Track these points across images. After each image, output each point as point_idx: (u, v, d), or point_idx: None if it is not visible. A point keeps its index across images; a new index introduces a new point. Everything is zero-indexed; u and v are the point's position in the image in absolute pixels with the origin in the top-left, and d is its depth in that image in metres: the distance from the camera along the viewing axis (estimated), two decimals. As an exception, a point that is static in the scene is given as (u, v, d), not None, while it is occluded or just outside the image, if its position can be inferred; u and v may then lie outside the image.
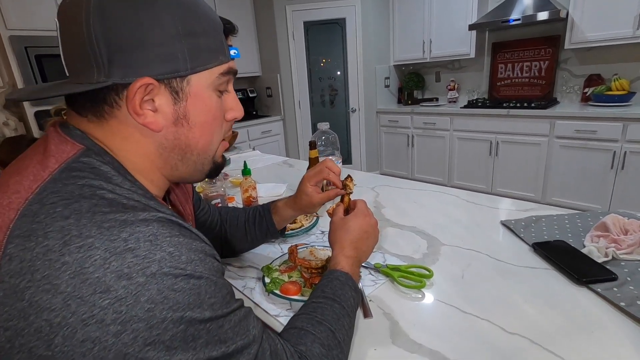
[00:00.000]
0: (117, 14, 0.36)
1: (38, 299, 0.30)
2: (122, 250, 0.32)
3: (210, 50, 0.42)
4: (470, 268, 0.74)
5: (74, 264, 0.31)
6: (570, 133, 2.62)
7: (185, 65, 0.40)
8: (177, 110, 0.41)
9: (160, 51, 0.38)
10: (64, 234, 0.32)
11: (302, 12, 3.54)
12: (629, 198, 2.46)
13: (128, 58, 0.37)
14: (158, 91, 0.40)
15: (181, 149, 0.44)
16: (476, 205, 1.07)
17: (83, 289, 0.30)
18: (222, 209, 0.84)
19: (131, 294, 0.31)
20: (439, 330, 0.58)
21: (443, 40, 3.38)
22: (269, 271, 0.75)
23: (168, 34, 0.38)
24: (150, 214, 0.36)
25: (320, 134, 1.28)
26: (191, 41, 0.40)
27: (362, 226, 0.65)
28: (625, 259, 0.71)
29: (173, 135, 0.43)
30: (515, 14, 2.83)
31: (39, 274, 0.31)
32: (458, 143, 3.27)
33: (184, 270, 0.34)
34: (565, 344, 0.53)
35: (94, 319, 0.30)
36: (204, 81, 0.42)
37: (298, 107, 3.83)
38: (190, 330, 0.34)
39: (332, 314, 0.51)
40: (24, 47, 2.29)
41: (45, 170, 0.36)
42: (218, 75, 0.44)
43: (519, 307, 0.62)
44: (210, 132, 0.46)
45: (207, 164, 0.48)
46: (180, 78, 0.40)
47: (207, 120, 0.44)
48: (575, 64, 2.95)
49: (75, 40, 0.37)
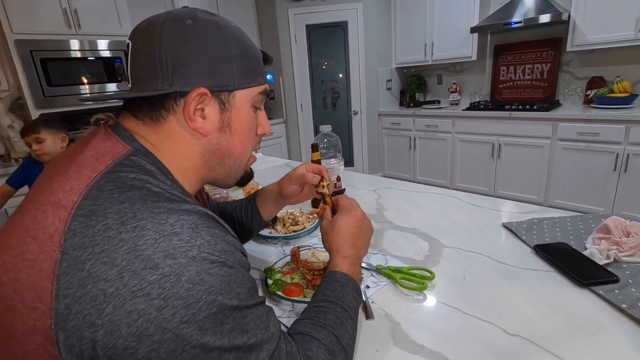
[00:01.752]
0: (184, 36, 0.44)
1: (96, 270, 0.34)
2: (170, 234, 0.36)
3: (253, 72, 0.50)
4: (472, 270, 0.75)
5: (130, 241, 0.35)
6: (572, 135, 2.61)
7: (233, 81, 0.47)
8: (223, 118, 0.48)
9: (215, 67, 0.46)
10: (121, 215, 0.36)
11: (305, 16, 3.56)
12: (632, 200, 2.45)
13: (189, 71, 0.44)
14: (209, 101, 0.46)
15: (221, 153, 0.50)
16: (478, 207, 1.07)
17: (136, 264, 0.34)
18: (220, 203, 0.87)
19: (175, 272, 0.35)
20: (440, 332, 0.58)
21: (445, 43, 3.39)
22: (272, 273, 0.75)
23: (223, 54, 0.46)
24: (191, 206, 0.40)
25: (322, 136, 1.28)
26: (240, 62, 0.48)
27: (352, 222, 0.64)
28: (627, 261, 0.71)
29: (216, 140, 0.49)
30: (517, 17, 2.83)
31: (99, 247, 0.34)
32: (460, 145, 3.27)
33: (218, 257, 0.38)
34: (567, 345, 0.53)
35: (142, 292, 0.33)
36: (245, 97, 0.50)
37: (300, 109, 3.85)
38: (219, 314, 0.37)
39: (335, 318, 0.51)
40: (29, 51, 2.31)
41: (102, 164, 0.41)
42: (257, 93, 0.51)
43: (520, 309, 0.62)
44: (246, 141, 0.52)
45: (240, 171, 0.55)
46: (228, 92, 0.48)
47: (245, 131, 0.51)
48: (578, 66, 2.95)
49: (146, 56, 0.44)
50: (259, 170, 1.68)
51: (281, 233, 0.96)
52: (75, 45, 2.50)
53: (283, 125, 3.92)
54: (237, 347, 0.38)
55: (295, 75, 3.73)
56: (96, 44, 2.58)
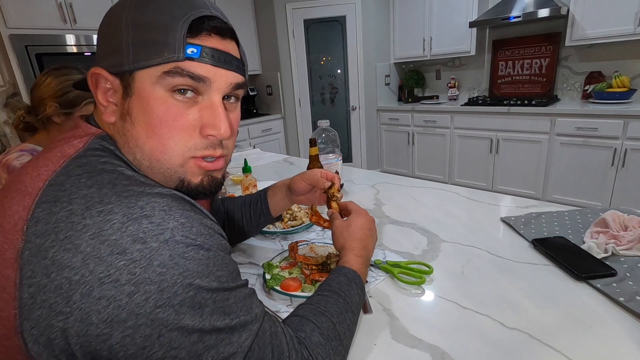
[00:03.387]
0: (110, 10, 0.42)
1: (60, 257, 0.33)
2: (139, 217, 0.34)
3: (156, 45, 0.39)
4: (470, 264, 0.75)
5: (94, 226, 0.33)
6: (571, 130, 2.61)
7: (128, 58, 0.39)
8: (124, 104, 0.42)
9: (110, 44, 0.41)
10: (87, 200, 0.35)
11: (302, 10, 3.53)
12: (630, 195, 2.46)
13: (99, 50, 0.43)
14: (112, 84, 0.42)
15: (130, 148, 0.42)
16: (476, 202, 1.07)
17: (101, 250, 0.33)
18: (225, 198, 0.87)
19: (145, 257, 0.33)
20: (438, 326, 0.58)
21: (443, 38, 3.38)
22: (270, 268, 0.75)
23: (116, 25, 0.40)
24: (165, 189, 0.39)
25: (320, 131, 1.28)
26: (138, 33, 0.39)
27: (365, 224, 0.66)
28: (625, 254, 0.71)
29: (122, 130, 0.42)
30: (515, 11, 2.82)
31: (62, 234, 0.33)
32: (458, 141, 3.27)
33: (194, 240, 0.36)
34: (565, 339, 0.53)
35: (110, 278, 0.32)
36: (147, 79, 0.40)
37: (298, 105, 3.83)
38: (198, 297, 0.35)
39: (335, 307, 0.51)
40: (24, 46, 2.29)
41: (71, 148, 0.40)
42: (161, 74, 0.39)
43: (518, 303, 0.62)
44: (159, 136, 0.41)
45: (174, 177, 0.43)
46: (128, 73, 0.40)
47: (151, 122, 0.41)
48: (576, 61, 2.94)
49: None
50: (257, 166, 1.67)
51: (279, 228, 0.96)
52: (71, 40, 2.47)
53: (281, 121, 3.91)
54: (218, 329, 0.37)
55: (294, 70, 3.70)
56: (92, 39, 2.56)
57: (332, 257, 0.74)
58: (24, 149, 1.06)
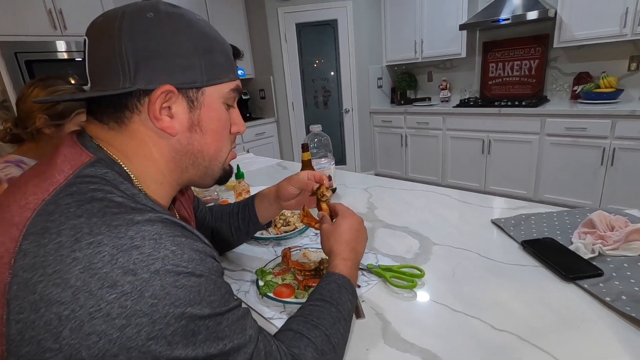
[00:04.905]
0: (146, 29, 0.41)
1: (49, 293, 0.32)
2: (129, 248, 0.34)
3: (223, 67, 0.48)
4: (461, 267, 0.76)
5: (84, 259, 0.33)
6: (560, 130, 2.65)
7: (202, 77, 0.45)
8: (192, 117, 0.46)
9: (181, 63, 0.43)
10: (76, 231, 0.34)
11: (294, 14, 3.55)
12: (619, 193, 2.50)
13: (152, 67, 0.42)
14: (176, 99, 0.44)
15: (193, 154, 0.48)
16: (467, 204, 1.09)
17: (92, 283, 0.32)
18: (213, 207, 0.86)
19: (136, 289, 0.33)
20: (430, 329, 0.59)
21: (434, 41, 3.41)
22: (263, 274, 0.75)
23: (189, 48, 0.44)
24: (155, 215, 0.38)
25: (312, 136, 1.28)
26: (208, 57, 0.45)
27: (353, 226, 0.65)
28: (611, 254, 0.73)
29: (187, 140, 0.47)
30: (505, 14, 2.86)
31: (51, 268, 0.32)
32: (451, 142, 3.30)
33: (185, 268, 0.36)
34: (553, 339, 0.54)
35: (101, 313, 0.32)
36: (216, 94, 0.47)
37: (292, 108, 3.84)
38: (190, 326, 0.35)
39: (328, 317, 0.51)
40: (14, 53, 2.27)
41: (61, 174, 0.39)
42: (229, 90, 0.49)
43: (508, 305, 0.63)
44: (220, 140, 0.50)
45: (217, 170, 0.53)
46: (196, 89, 0.45)
47: (217, 129, 0.49)
48: (565, 62, 2.99)
49: (105, 53, 0.41)
50: (250, 171, 1.67)
51: (272, 234, 0.96)
52: (62, 47, 2.46)
53: (275, 124, 3.91)
54: (212, 355, 0.37)
55: (286, 74, 3.71)
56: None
57: (325, 263, 0.75)
58: (9, 160, 1.03)
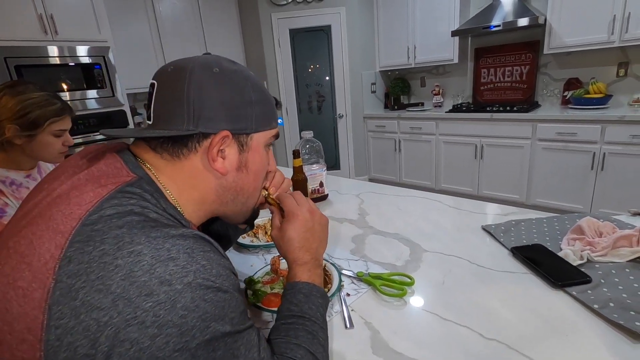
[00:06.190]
0: (212, 82, 0.47)
1: (90, 298, 0.33)
2: (166, 259, 0.36)
3: (269, 117, 0.54)
4: (451, 274, 0.75)
5: (125, 267, 0.34)
6: (551, 135, 2.68)
7: (252, 125, 0.51)
8: (241, 159, 0.51)
9: (238, 112, 0.49)
10: (118, 240, 0.36)
11: (288, 20, 3.56)
12: (609, 198, 2.52)
13: (213, 115, 0.47)
14: (230, 143, 0.50)
15: (235, 190, 0.53)
16: (458, 210, 1.09)
17: (130, 291, 0.34)
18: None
19: (170, 299, 0.35)
20: (419, 338, 0.59)
21: (427, 46, 3.44)
22: (252, 283, 0.74)
23: (245, 100, 0.50)
24: (187, 230, 0.41)
25: (304, 142, 1.28)
26: (259, 108, 0.51)
27: (300, 226, 0.60)
28: (600, 261, 0.73)
29: (233, 179, 0.52)
30: (496, 20, 2.90)
31: (94, 274, 0.34)
32: (444, 147, 3.32)
33: (214, 282, 0.38)
34: (542, 348, 0.54)
35: (136, 320, 0.33)
36: (261, 139, 0.54)
37: (285, 114, 3.84)
38: (212, 341, 0.37)
39: (305, 334, 0.50)
40: (4, 58, 2.25)
41: (104, 189, 0.41)
42: (271, 136, 0.55)
43: (497, 313, 0.63)
44: (259, 179, 0.57)
45: (250, 207, 0.58)
46: (246, 134, 0.51)
47: (259, 170, 0.55)
48: (555, 68, 3.03)
49: (173, 98, 0.47)
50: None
51: (263, 241, 0.95)
52: (53, 52, 2.44)
53: (269, 129, 3.90)
54: None
55: (280, 79, 3.72)
56: (75, 50, 2.52)
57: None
58: None
